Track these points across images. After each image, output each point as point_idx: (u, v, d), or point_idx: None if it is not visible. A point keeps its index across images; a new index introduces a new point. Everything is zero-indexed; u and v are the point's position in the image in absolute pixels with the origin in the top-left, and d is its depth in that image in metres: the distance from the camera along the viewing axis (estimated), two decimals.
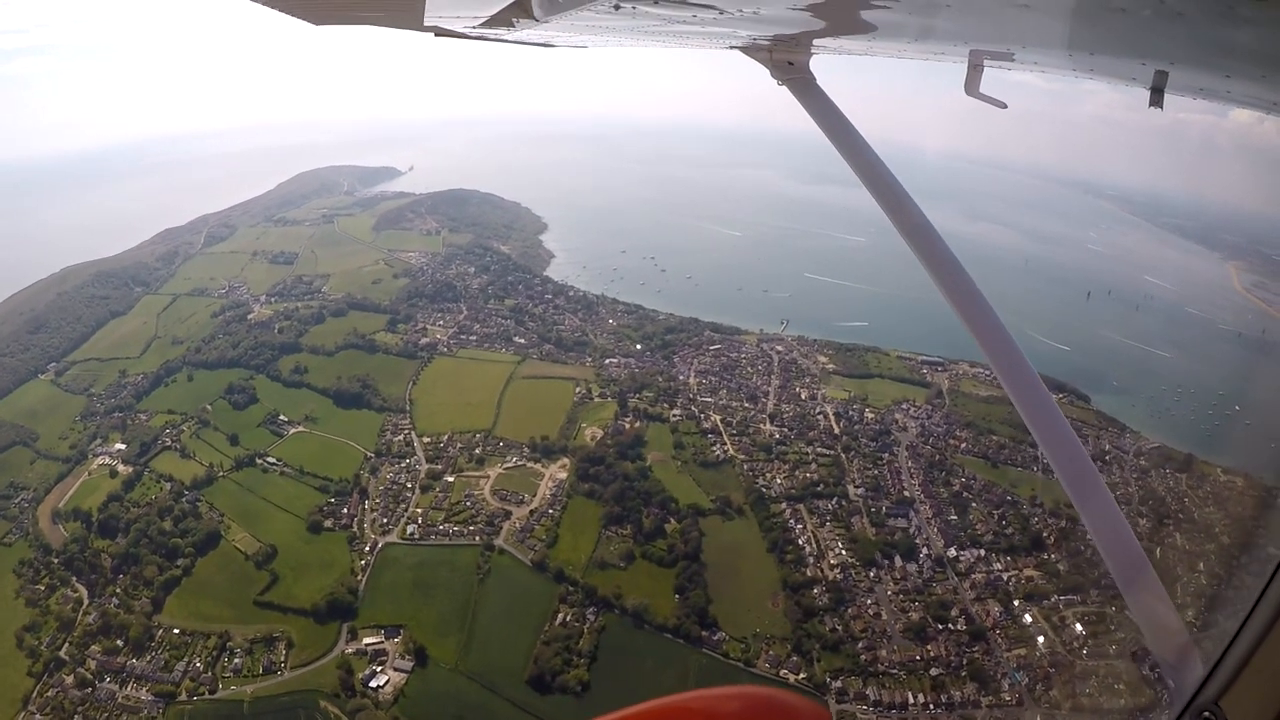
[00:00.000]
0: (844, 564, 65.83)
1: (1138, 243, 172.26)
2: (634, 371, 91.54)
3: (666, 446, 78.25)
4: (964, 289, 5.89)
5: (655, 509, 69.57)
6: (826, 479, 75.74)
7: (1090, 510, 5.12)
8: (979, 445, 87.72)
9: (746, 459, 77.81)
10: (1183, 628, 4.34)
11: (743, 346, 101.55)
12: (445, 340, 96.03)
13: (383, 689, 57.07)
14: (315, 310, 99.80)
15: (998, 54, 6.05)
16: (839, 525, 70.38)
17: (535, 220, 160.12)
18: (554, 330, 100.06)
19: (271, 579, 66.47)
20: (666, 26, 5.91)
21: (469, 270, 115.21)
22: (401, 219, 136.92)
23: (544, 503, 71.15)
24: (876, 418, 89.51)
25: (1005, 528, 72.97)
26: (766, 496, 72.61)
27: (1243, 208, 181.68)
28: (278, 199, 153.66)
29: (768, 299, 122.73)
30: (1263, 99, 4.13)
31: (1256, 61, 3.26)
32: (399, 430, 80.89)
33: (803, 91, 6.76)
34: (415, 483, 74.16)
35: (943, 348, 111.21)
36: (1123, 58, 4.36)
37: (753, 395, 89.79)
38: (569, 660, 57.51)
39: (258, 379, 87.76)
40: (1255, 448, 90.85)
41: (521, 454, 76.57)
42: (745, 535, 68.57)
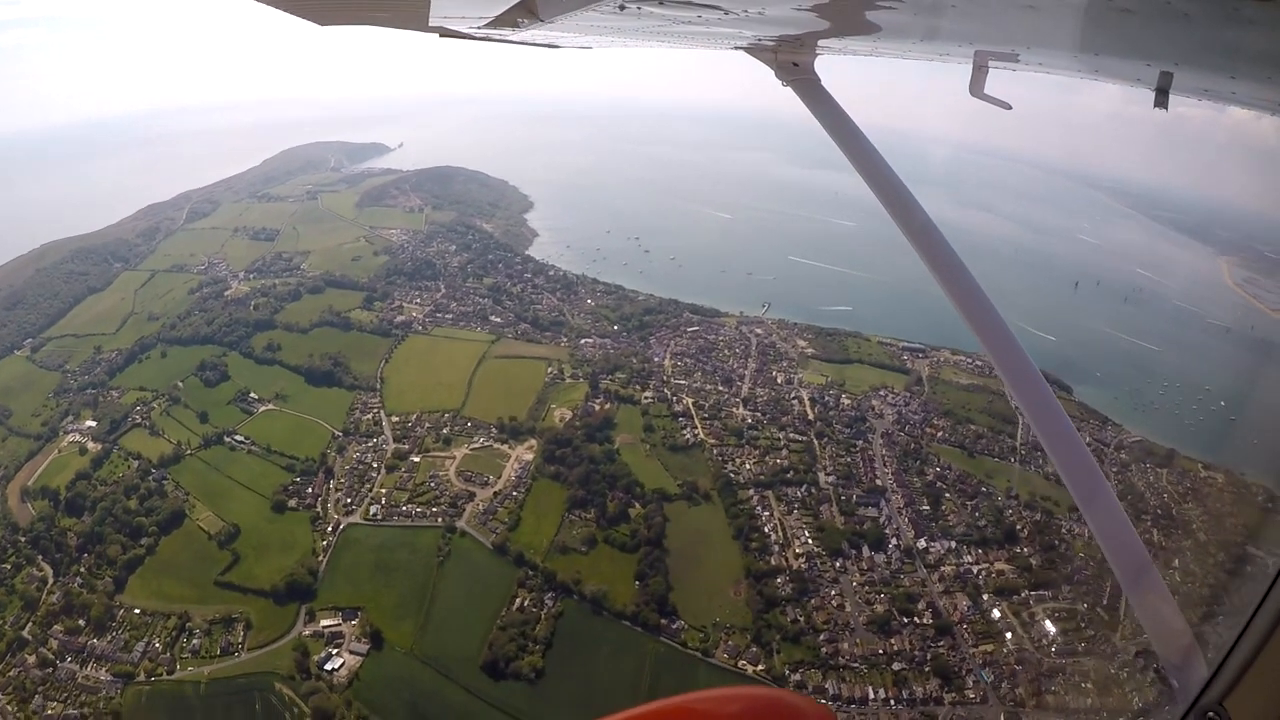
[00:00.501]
0: (810, 553, 63.89)
1: (1131, 235, 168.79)
2: (609, 353, 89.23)
3: (636, 429, 76.23)
4: (969, 291, 5.79)
5: (620, 493, 67.68)
6: (797, 465, 73.67)
7: (1094, 510, 5.06)
8: (956, 434, 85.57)
9: (717, 443, 75.70)
10: (1187, 628, 4.27)
11: (721, 329, 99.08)
12: (421, 318, 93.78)
13: (337, 672, 55.80)
14: (292, 287, 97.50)
15: (1003, 55, 5.97)
16: (807, 513, 68.34)
17: (521, 199, 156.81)
18: (531, 310, 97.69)
19: (233, 559, 65.11)
20: (671, 27, 5.84)
21: (450, 248, 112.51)
22: (385, 196, 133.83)
23: (508, 485, 69.38)
24: (853, 404, 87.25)
25: (978, 520, 70.88)
26: (734, 482, 70.59)
27: (1239, 203, 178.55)
28: (263, 175, 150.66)
29: (751, 282, 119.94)
30: (1268, 100, 4.04)
31: (1261, 62, 3.24)
32: (368, 409, 79.04)
33: (807, 93, 6.66)
34: (381, 462, 72.42)
35: (925, 334, 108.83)
36: (1128, 59, 4.33)
37: (728, 378, 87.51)
38: (524, 647, 56.04)
39: (230, 356, 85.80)
40: (1239, 444, 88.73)
41: (489, 435, 74.68)
42: (711, 522, 66.69)
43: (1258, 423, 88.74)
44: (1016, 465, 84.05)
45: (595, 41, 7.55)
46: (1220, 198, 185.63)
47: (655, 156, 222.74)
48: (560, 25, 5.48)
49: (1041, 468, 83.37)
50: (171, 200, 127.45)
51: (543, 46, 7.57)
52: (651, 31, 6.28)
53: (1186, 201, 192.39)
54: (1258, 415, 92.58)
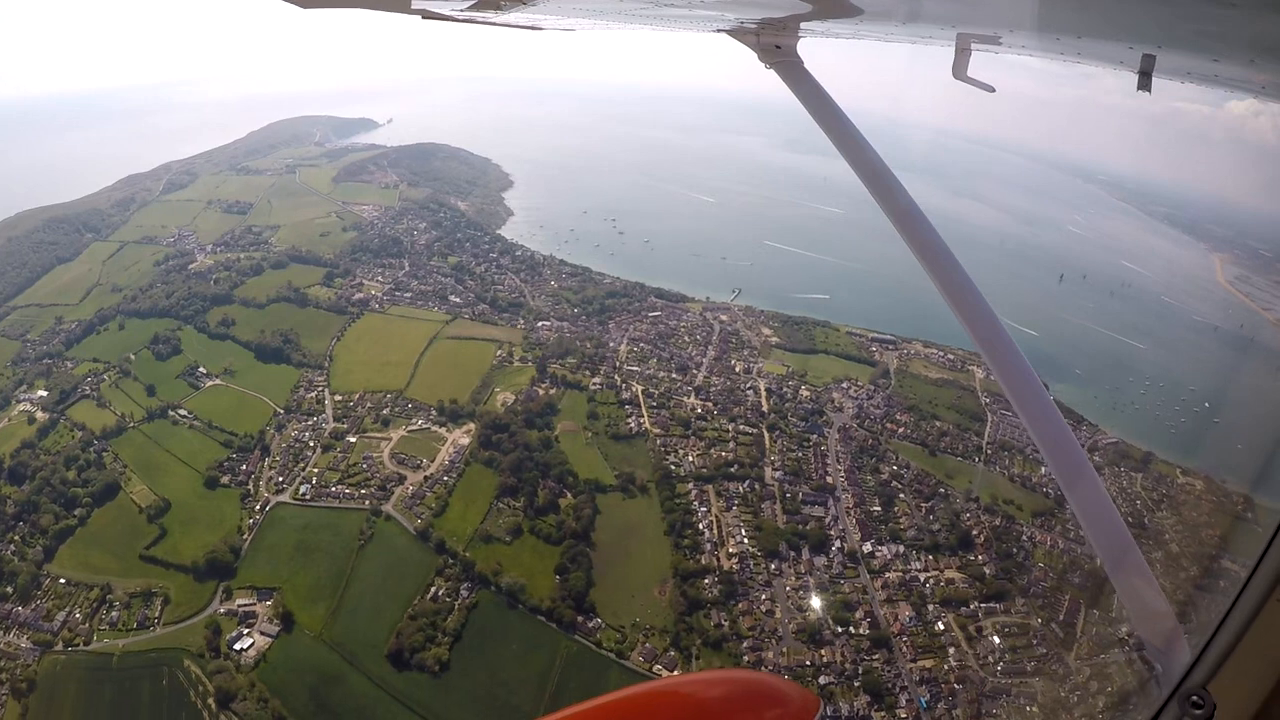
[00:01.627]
0: (744, 553, 59.94)
1: (1123, 229, 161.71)
2: (564, 336, 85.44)
3: (580, 416, 72.66)
4: (950, 271, 5.65)
5: (552, 482, 64.30)
6: (743, 459, 69.67)
7: (1079, 496, 4.96)
8: (919, 431, 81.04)
9: (662, 434, 71.90)
10: (1170, 613, 4.23)
11: (685, 315, 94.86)
12: (379, 296, 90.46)
13: (246, 652, 53.70)
14: (256, 262, 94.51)
15: (985, 37, 5.86)
16: (747, 510, 64.33)
17: (503, 177, 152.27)
18: (491, 290, 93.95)
19: (160, 533, 63.00)
20: (653, 10, 5.90)
21: (419, 225, 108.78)
22: (363, 171, 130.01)
23: (441, 469, 66.28)
24: (812, 396, 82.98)
25: (932, 523, 66.40)
26: (674, 475, 66.85)
27: (1236, 200, 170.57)
28: (245, 148, 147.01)
29: (725, 267, 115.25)
30: (1252, 82, 4.02)
31: (1245, 45, 3.19)
32: (313, 387, 76.18)
33: (790, 75, 6.43)
34: (318, 442, 69.63)
35: (900, 324, 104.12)
36: (1110, 41, 4.22)
37: (684, 366, 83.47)
38: (432, 637, 53.18)
39: (185, 330, 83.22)
40: (1221, 449, 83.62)
41: (428, 417, 71.55)
42: (645, 515, 63.12)
43: (1241, 427, 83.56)
44: (980, 466, 79.29)
45: (578, 24, 7.49)
46: (1218, 194, 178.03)
47: (647, 139, 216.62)
48: (543, 7, 5.78)
49: (1007, 469, 78.85)
50: (151, 172, 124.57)
51: (525, 29, 7.48)
52: (633, 14, 6.36)
53: (1183, 197, 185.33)
54: (1242, 419, 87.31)
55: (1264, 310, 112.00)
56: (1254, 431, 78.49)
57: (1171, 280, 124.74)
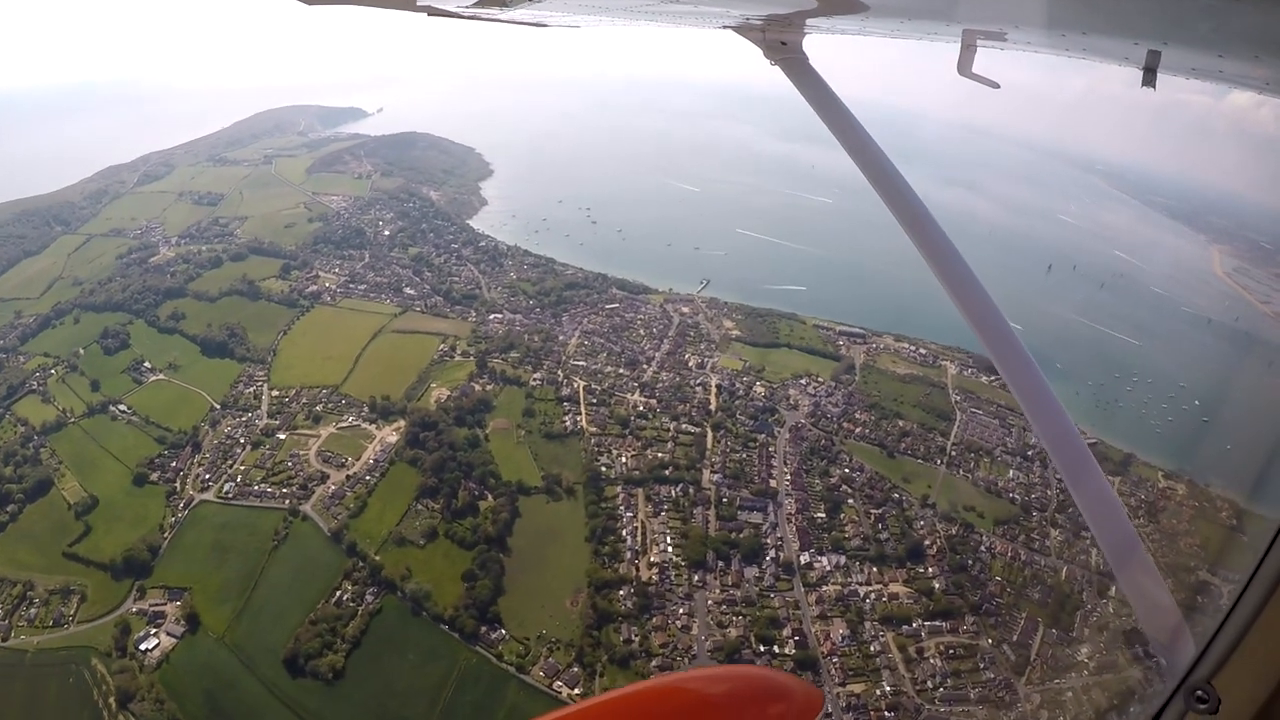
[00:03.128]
0: (666, 563, 56.03)
1: (1119, 220, 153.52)
2: (513, 329, 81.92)
3: (516, 413, 69.34)
4: (954, 266, 5.49)
5: (473, 483, 61.14)
6: (680, 460, 65.70)
7: (1083, 490, 4.86)
8: (878, 431, 76.06)
9: (598, 432, 68.23)
10: (1175, 607, 4.15)
11: (644, 307, 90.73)
12: (333, 289, 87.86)
13: (150, 652, 52.26)
14: (216, 254, 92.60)
15: (990, 34, 5.84)
16: (676, 516, 60.40)
17: (482, 166, 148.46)
18: (448, 282, 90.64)
19: (85, 530, 61.74)
20: (660, 6, 5.88)
21: (386, 215, 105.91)
22: (337, 162, 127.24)
23: (364, 468, 63.61)
24: (766, 392, 78.52)
25: (879, 532, 61.87)
26: (604, 477, 63.17)
27: (1237, 191, 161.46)
28: (227, 138, 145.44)
29: (698, 257, 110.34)
30: (1257, 79, 3.97)
31: (1250, 41, 3.19)
32: (253, 382, 73.97)
33: (795, 71, 6.36)
34: (248, 439, 67.48)
35: (876, 317, 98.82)
36: (1115, 38, 4.23)
37: (633, 361, 79.53)
38: (330, 644, 50.74)
39: (136, 324, 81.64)
40: (1209, 450, 77.20)
41: (360, 413, 68.78)
42: (568, 520, 59.75)
43: (1233, 424, 77.11)
44: (942, 469, 73.94)
45: (583, 20, 7.42)
46: (1219, 186, 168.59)
47: (638, 127, 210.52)
48: (548, 4, 5.69)
49: (972, 472, 73.55)
50: (130, 163, 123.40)
51: (531, 25, 7.31)
52: (639, 10, 6.31)
53: (1184, 188, 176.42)
54: (1233, 416, 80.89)
55: (1261, 304, 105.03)
56: (1250, 427, 72.27)
57: (1166, 272, 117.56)
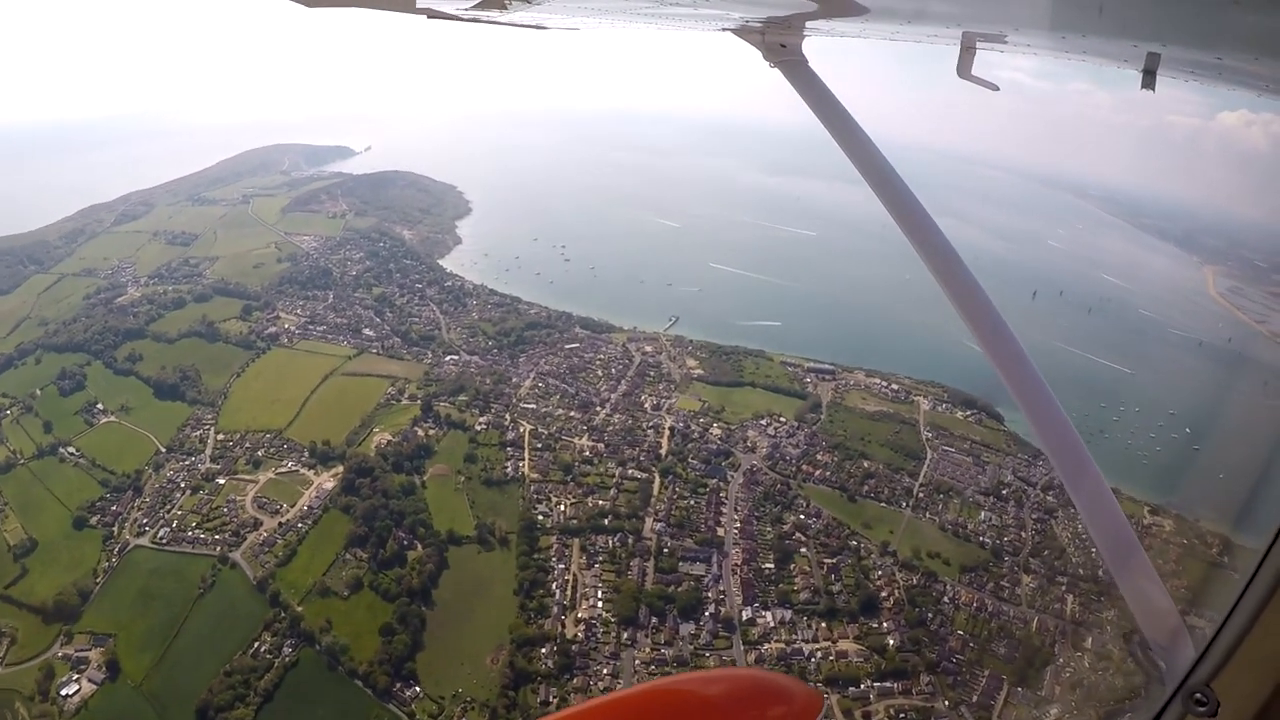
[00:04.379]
0: (595, 619, 56.59)
1: (1110, 243, 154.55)
2: (468, 371, 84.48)
3: (457, 459, 71.27)
4: (954, 270, 5.73)
5: (404, 532, 62.98)
6: (622, 509, 66.70)
7: (1081, 490, 5.06)
8: (840, 473, 76.64)
9: (540, 479, 69.79)
10: (1174, 610, 4.26)
11: (606, 346, 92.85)
12: (291, 330, 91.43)
13: (70, 699, 54.15)
14: (180, 295, 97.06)
15: (990, 36, 6.01)
16: (611, 568, 61.01)
17: (462, 204, 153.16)
18: (407, 323, 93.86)
19: (21, 573, 64.23)
20: (658, 8, 6.18)
21: (354, 255, 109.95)
22: (313, 201, 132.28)
23: (298, 515, 65.70)
24: (723, 434, 79.68)
25: (832, 584, 61.78)
26: (539, 526, 64.58)
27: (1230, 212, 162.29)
28: (210, 177, 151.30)
29: (671, 293, 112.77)
30: (1255, 80, 4.04)
31: (1248, 43, 3.28)
32: (201, 425, 77.03)
33: (795, 74, 6.55)
34: (189, 483, 70.09)
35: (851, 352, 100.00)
36: (1114, 39, 4.34)
37: (587, 403, 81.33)
38: (243, 696, 52.09)
39: (94, 365, 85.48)
40: (1199, 480, 76.25)
41: (300, 459, 71.31)
42: (498, 571, 60.98)
43: (1224, 453, 76.27)
44: (907, 513, 74.19)
45: (583, 23, 7.71)
46: (1212, 206, 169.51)
47: (622, 161, 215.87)
48: (548, 6, 5.85)
49: (940, 515, 73.79)
50: (111, 202, 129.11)
51: (530, 28, 7.66)
52: (639, 12, 6.57)
53: (1177, 209, 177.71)
54: (1226, 440, 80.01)
55: (1257, 322, 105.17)
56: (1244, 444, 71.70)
57: (1156, 294, 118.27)
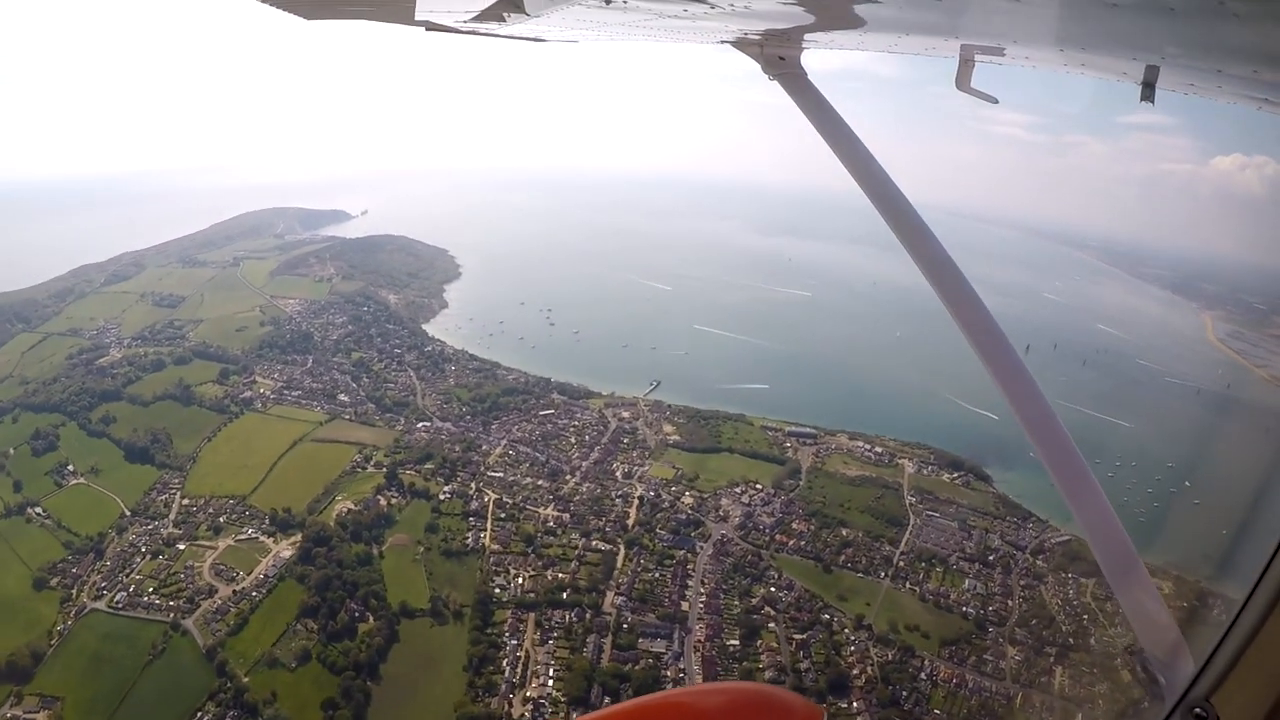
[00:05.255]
0: (544, 698, 56.85)
1: (1107, 293, 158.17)
2: (438, 438, 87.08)
3: (419, 529, 73.10)
4: (954, 284, 5.88)
5: (357, 604, 64.45)
6: (583, 582, 67.73)
7: (1081, 505, 5.17)
8: (816, 543, 77.41)
9: (500, 550, 71.26)
10: (1174, 624, 4.36)
11: (582, 412, 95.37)
12: (266, 395, 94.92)
13: None
14: (160, 357, 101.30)
15: (989, 49, 6.14)
16: (566, 644, 61.51)
17: (451, 269, 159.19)
18: (383, 388, 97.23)
19: None
20: (658, 21, 6.19)
21: (338, 320, 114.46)
22: (301, 265, 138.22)
23: (254, 583, 67.29)
24: (695, 503, 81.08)
25: (800, 660, 61.80)
26: (495, 599, 65.79)
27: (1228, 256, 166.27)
28: (203, 239, 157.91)
29: (655, 357, 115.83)
30: (1254, 95, 4.21)
31: (1248, 57, 3.33)
32: (167, 489, 79.64)
33: (794, 86, 6.84)
34: (150, 548, 72.18)
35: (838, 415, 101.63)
36: (1113, 53, 4.43)
37: (556, 471, 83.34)
38: None
39: (68, 426, 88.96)
40: (1203, 536, 75.58)
41: (261, 526, 73.46)
42: (451, 646, 61.96)
43: (1229, 506, 76.05)
44: (886, 583, 74.37)
45: (581, 35, 7.95)
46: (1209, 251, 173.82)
47: (614, 225, 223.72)
48: (547, 19, 5.89)
49: (921, 585, 74.02)
50: (103, 262, 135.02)
51: (529, 40, 7.97)
52: (637, 25, 6.56)
53: (1174, 256, 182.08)
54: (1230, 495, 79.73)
55: (1257, 367, 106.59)
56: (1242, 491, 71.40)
57: (1154, 343, 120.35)
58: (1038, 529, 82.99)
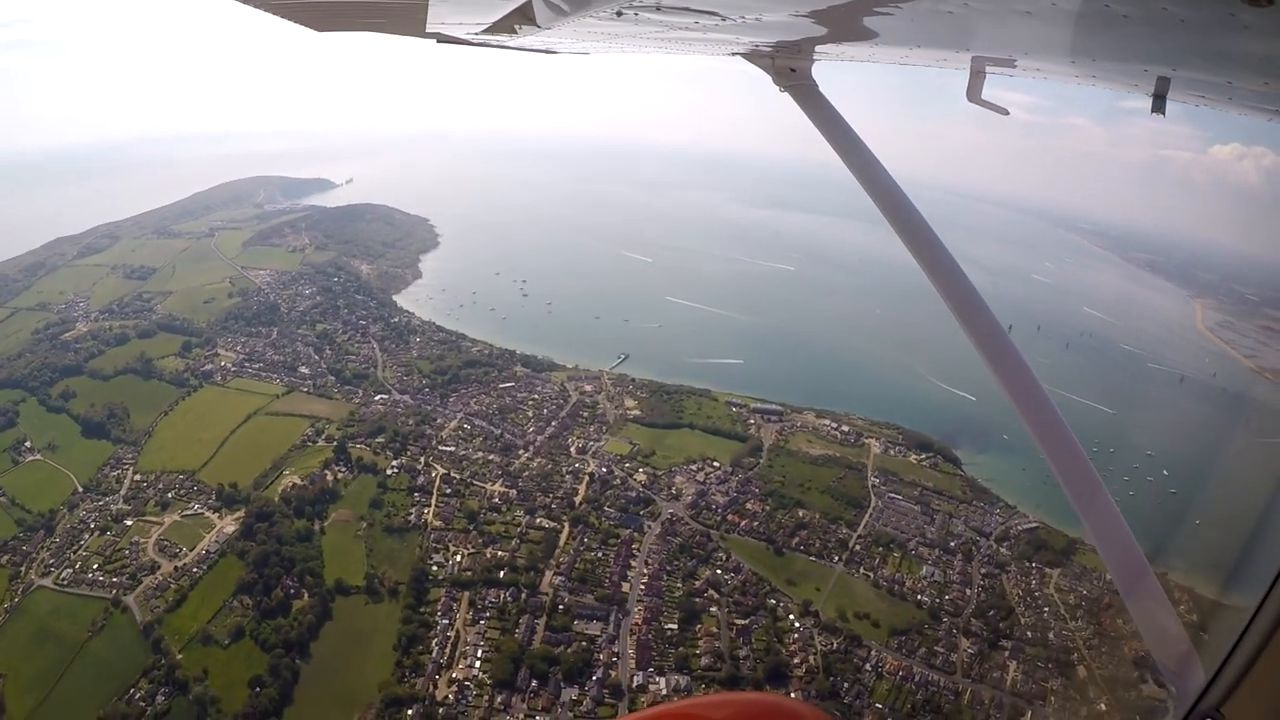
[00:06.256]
0: (469, 679, 56.23)
1: (1098, 277, 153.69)
2: (394, 411, 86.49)
3: (363, 504, 72.87)
4: (965, 295, 5.89)
5: (293, 580, 64.49)
6: (522, 561, 66.91)
7: (1091, 514, 5.15)
8: (770, 524, 76.06)
9: (443, 527, 70.84)
10: (1184, 634, 4.35)
11: (543, 385, 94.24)
12: (227, 368, 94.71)
13: None
14: (125, 330, 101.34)
15: (1000, 60, 6.19)
16: (497, 624, 60.87)
17: (430, 238, 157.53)
18: (344, 360, 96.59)
19: None
20: (668, 33, 6.20)
21: (306, 291, 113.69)
22: (275, 235, 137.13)
23: (196, 559, 67.60)
24: (648, 480, 80.00)
25: (739, 647, 60.52)
26: (431, 577, 65.42)
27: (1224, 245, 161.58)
28: (181, 210, 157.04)
29: (628, 329, 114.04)
30: (1265, 106, 4.24)
31: (1259, 68, 3.35)
32: (121, 465, 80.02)
33: (804, 98, 6.92)
34: (99, 524, 72.75)
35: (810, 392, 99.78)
36: (1125, 64, 4.47)
37: (509, 446, 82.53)
38: None
39: (28, 402, 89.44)
40: (1178, 527, 73.77)
41: (207, 502, 73.63)
42: (383, 624, 61.85)
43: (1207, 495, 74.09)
44: (839, 567, 73.09)
45: (592, 47, 8.01)
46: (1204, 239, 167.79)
47: (603, 195, 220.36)
48: (558, 31, 5.91)
49: (877, 570, 72.73)
50: (79, 235, 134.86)
51: (540, 52, 7.96)
52: (649, 37, 6.59)
53: (1169, 243, 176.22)
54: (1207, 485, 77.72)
55: (1245, 357, 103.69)
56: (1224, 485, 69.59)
57: (1141, 328, 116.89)
58: (1005, 515, 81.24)
